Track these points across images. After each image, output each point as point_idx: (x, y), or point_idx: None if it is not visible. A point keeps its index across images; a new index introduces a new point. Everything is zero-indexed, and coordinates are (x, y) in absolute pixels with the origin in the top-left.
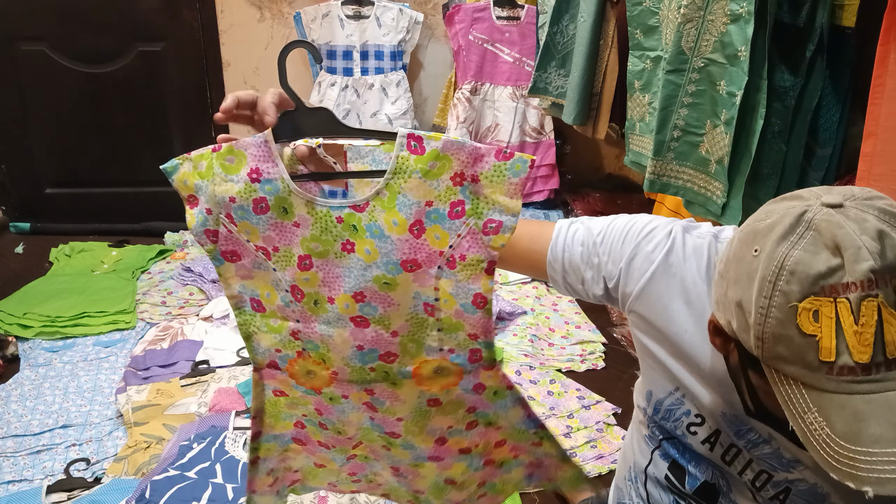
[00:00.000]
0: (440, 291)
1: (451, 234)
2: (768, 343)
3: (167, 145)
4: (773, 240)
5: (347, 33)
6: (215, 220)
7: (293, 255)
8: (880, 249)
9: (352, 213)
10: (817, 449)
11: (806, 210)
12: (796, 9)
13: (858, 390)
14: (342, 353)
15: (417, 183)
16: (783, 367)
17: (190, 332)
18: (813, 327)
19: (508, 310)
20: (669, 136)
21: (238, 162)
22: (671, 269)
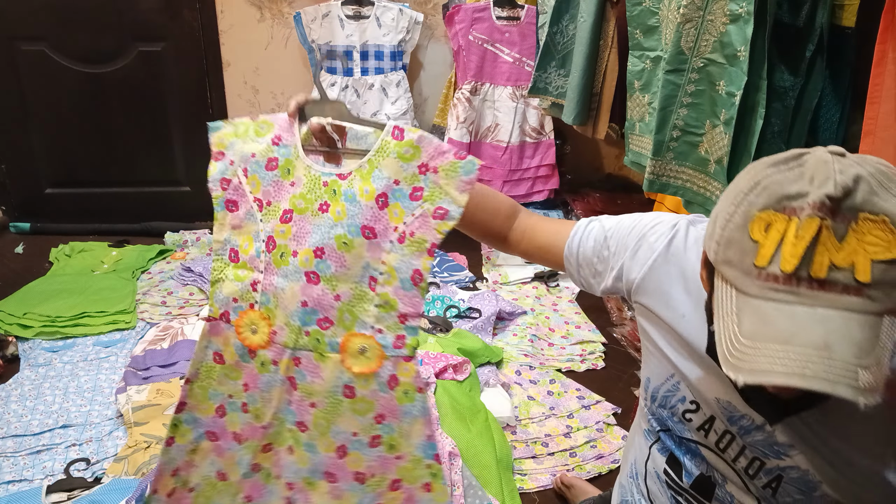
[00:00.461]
0: (386, 266)
1: (407, 212)
2: (723, 245)
3: (167, 145)
4: (766, 164)
5: (347, 33)
6: (233, 171)
7: (280, 209)
8: (849, 188)
9: (336, 179)
10: (722, 346)
11: (808, 152)
12: (796, 9)
13: (774, 297)
14: (288, 308)
15: (392, 162)
16: (726, 271)
17: (190, 332)
18: (761, 235)
19: (508, 310)
20: (669, 136)
21: (267, 129)
22: (672, 258)
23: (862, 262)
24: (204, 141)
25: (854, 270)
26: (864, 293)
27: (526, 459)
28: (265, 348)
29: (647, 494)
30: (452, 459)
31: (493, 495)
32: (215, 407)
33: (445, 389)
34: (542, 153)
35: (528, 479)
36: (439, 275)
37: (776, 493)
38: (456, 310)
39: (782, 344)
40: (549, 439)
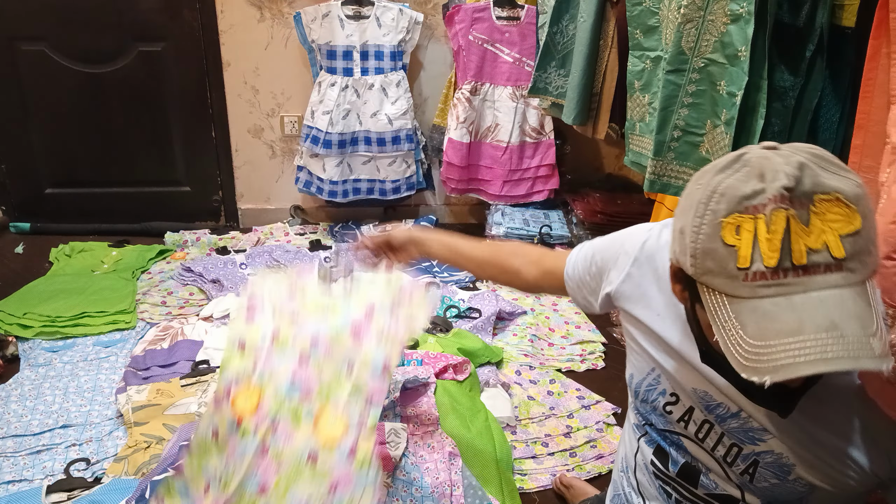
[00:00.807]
0: (363, 357)
1: (385, 321)
2: (699, 258)
3: (167, 145)
4: (712, 173)
5: (347, 33)
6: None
7: (287, 311)
8: (798, 176)
9: (340, 297)
10: (732, 352)
11: (746, 152)
12: (796, 9)
13: (767, 294)
14: (278, 383)
15: (379, 289)
16: (710, 281)
17: (190, 332)
18: (734, 239)
19: (508, 310)
20: (669, 136)
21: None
22: (646, 260)
23: (833, 240)
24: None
25: (829, 249)
26: (844, 267)
27: (526, 459)
28: (251, 415)
29: (636, 487)
30: (452, 459)
31: (493, 495)
32: (203, 486)
33: (445, 389)
34: (542, 153)
35: (528, 479)
36: (439, 275)
37: (753, 479)
38: (456, 310)
39: (794, 336)
40: (549, 439)
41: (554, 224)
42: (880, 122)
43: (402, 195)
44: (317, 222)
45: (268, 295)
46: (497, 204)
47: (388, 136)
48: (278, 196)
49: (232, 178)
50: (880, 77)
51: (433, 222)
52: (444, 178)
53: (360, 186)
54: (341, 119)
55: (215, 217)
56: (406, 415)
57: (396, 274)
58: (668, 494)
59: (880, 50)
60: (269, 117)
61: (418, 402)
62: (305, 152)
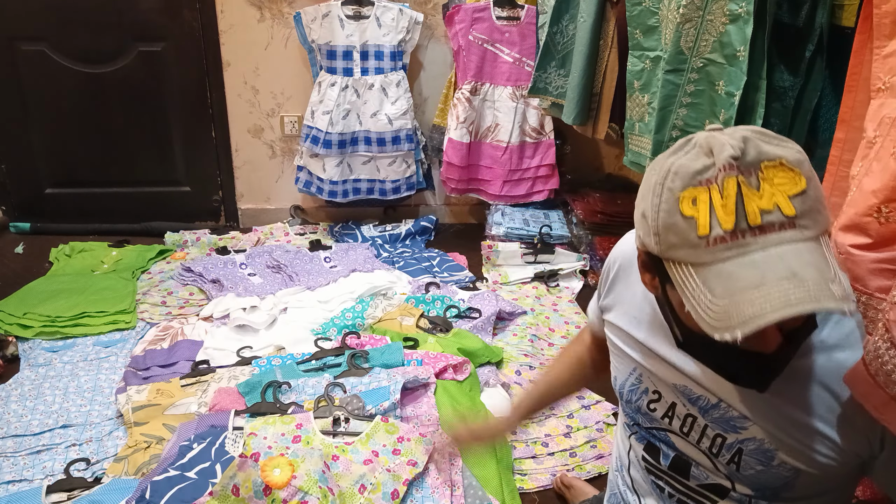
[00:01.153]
0: (376, 482)
1: (390, 461)
2: (662, 235)
3: (167, 145)
4: (665, 156)
5: (347, 33)
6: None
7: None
8: (743, 147)
9: (343, 445)
10: (702, 317)
11: (693, 136)
12: (796, 9)
13: (729, 255)
14: (312, 466)
15: (381, 435)
16: (675, 254)
17: (190, 332)
18: (692, 210)
19: (508, 310)
20: (668, 135)
21: (290, 420)
22: (628, 265)
23: (782, 201)
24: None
25: (780, 209)
26: (797, 224)
27: (526, 459)
28: (282, 488)
29: (631, 485)
30: (452, 459)
31: (493, 495)
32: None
33: (445, 389)
34: (542, 153)
35: (528, 479)
36: (439, 275)
37: (739, 468)
38: (456, 310)
39: (757, 288)
40: (549, 439)
41: (554, 224)
42: (863, 117)
43: (402, 195)
44: (317, 222)
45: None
46: (497, 204)
47: (388, 136)
48: (278, 196)
49: (232, 178)
50: (865, 72)
51: (433, 222)
52: (444, 178)
53: (360, 186)
54: (341, 119)
55: (215, 217)
56: (406, 415)
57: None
58: (661, 489)
59: (866, 45)
60: (269, 117)
61: (418, 402)
62: (305, 152)
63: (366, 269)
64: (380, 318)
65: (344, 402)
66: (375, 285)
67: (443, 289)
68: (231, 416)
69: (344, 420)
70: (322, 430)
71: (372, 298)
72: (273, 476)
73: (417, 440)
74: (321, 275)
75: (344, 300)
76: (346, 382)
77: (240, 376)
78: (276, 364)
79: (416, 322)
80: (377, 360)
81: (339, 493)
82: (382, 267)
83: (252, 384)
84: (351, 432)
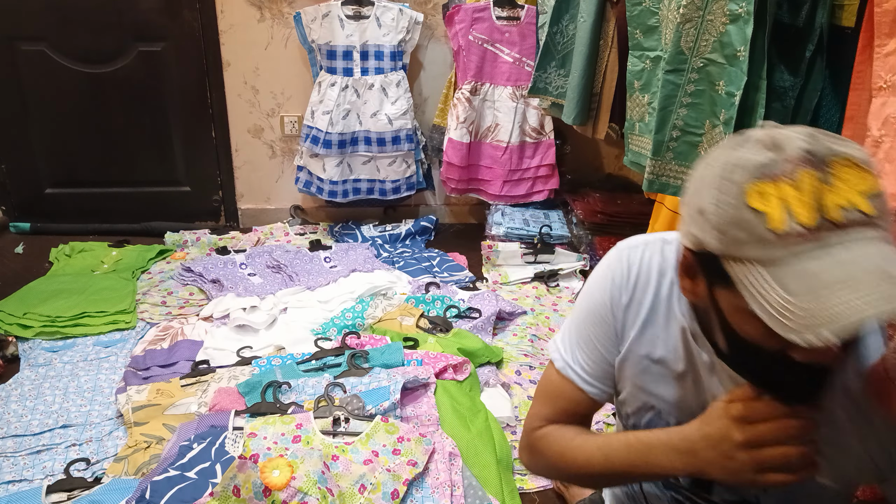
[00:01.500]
0: (376, 482)
1: (390, 461)
2: (726, 231)
3: (167, 145)
4: (723, 150)
5: (347, 33)
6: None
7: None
8: (812, 142)
9: (343, 445)
10: (779, 319)
11: (749, 132)
12: (796, 9)
13: (807, 253)
14: (312, 466)
15: (381, 435)
16: (741, 252)
17: (190, 332)
18: (761, 204)
19: (508, 310)
20: (668, 136)
21: (290, 420)
22: (664, 300)
23: (860, 199)
24: (204, 140)
25: (859, 207)
26: (875, 224)
27: None
28: (281, 489)
29: (644, 500)
30: (452, 459)
31: (493, 495)
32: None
33: (445, 389)
34: (542, 153)
35: (528, 479)
36: (439, 275)
37: (767, 489)
38: (456, 310)
39: (848, 286)
40: None
41: (554, 224)
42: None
43: (402, 195)
44: (317, 222)
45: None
46: (497, 204)
47: (388, 136)
48: (278, 196)
49: (232, 178)
50: (870, 70)
51: (433, 222)
52: (444, 178)
53: (360, 186)
54: (341, 119)
55: (215, 217)
56: (406, 415)
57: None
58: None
59: (871, 43)
60: (269, 117)
61: (418, 402)
62: (305, 152)
63: (366, 269)
64: (380, 318)
65: (344, 402)
66: (375, 285)
67: (443, 289)
68: (231, 416)
69: (344, 420)
70: (322, 430)
71: (372, 298)
72: (272, 477)
73: (417, 440)
74: (321, 275)
75: (344, 300)
76: (346, 382)
77: (240, 376)
78: (276, 364)
79: (416, 322)
80: (377, 360)
81: (339, 494)
82: (382, 267)
83: (252, 384)
84: (351, 432)
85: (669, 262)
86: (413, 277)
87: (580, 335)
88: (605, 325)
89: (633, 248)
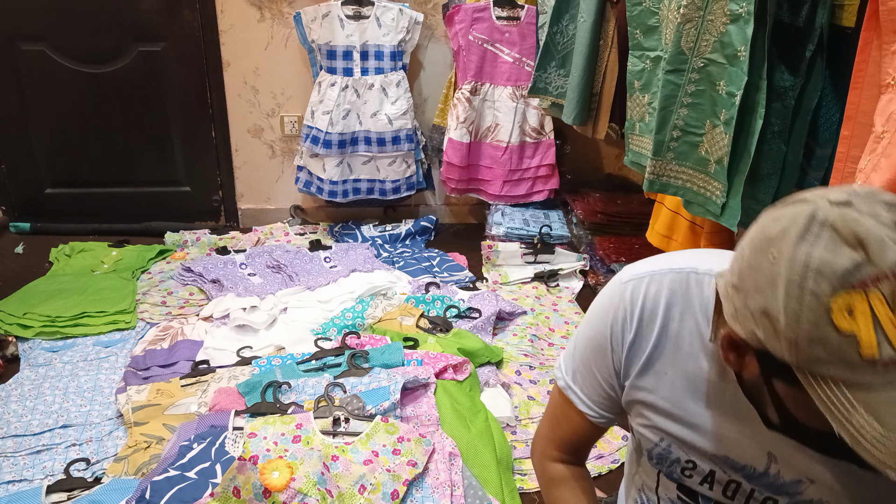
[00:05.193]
0: (376, 482)
1: (390, 461)
2: (803, 347)
3: (167, 145)
4: (789, 243)
5: (347, 33)
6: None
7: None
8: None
9: (343, 445)
10: (869, 450)
11: (816, 210)
12: (796, 9)
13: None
14: (311, 467)
15: (381, 435)
16: (821, 370)
17: (190, 332)
18: (849, 324)
19: (508, 310)
20: (669, 136)
21: (290, 420)
22: (675, 332)
23: None
24: (204, 140)
25: None
26: None
27: (526, 459)
28: (281, 491)
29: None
30: (452, 459)
31: (493, 495)
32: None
33: (445, 389)
34: (542, 153)
35: (528, 479)
36: (439, 275)
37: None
38: (456, 310)
39: None
40: None
41: (554, 224)
42: (868, 114)
43: (402, 195)
44: (317, 222)
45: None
46: (497, 204)
47: (388, 136)
48: (278, 196)
49: (232, 178)
50: (870, 69)
51: (433, 222)
52: (444, 178)
53: (360, 186)
54: (341, 119)
55: (215, 217)
56: (406, 415)
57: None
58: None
59: (871, 42)
60: (269, 117)
61: (418, 402)
62: (305, 152)
63: (366, 269)
64: (380, 318)
65: (344, 402)
66: (375, 285)
67: (443, 289)
68: (231, 417)
69: (344, 420)
70: (322, 430)
71: (372, 298)
72: (272, 479)
73: (417, 440)
74: (321, 275)
75: (344, 300)
76: (346, 382)
77: (240, 376)
78: (276, 364)
79: (416, 322)
80: (377, 360)
81: (339, 494)
82: (382, 267)
83: (252, 384)
84: (351, 432)
85: (678, 295)
86: (413, 277)
87: (582, 360)
88: (604, 357)
89: (637, 281)
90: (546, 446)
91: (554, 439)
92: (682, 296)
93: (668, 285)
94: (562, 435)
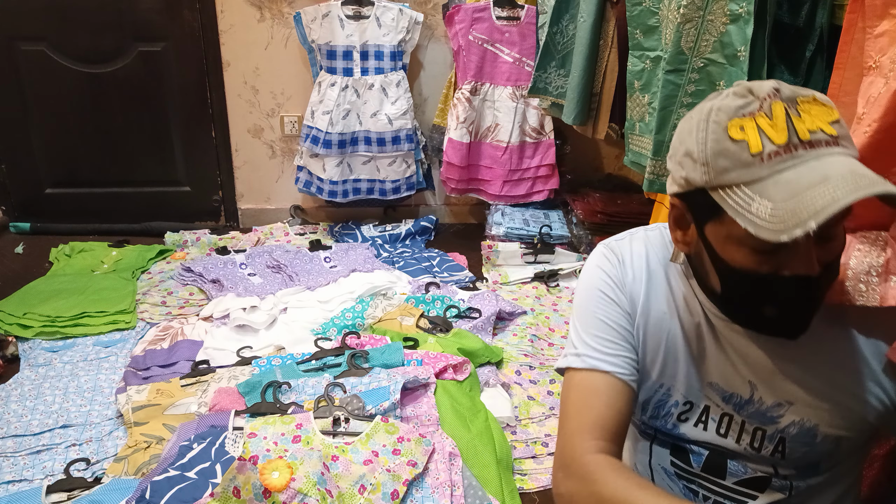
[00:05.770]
0: (376, 482)
1: (390, 461)
2: (712, 162)
3: (167, 145)
4: (701, 104)
5: (347, 33)
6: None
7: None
8: (779, 86)
9: (343, 445)
10: (763, 225)
11: (724, 90)
12: (796, 9)
13: (786, 167)
14: (311, 467)
15: (381, 435)
16: (727, 179)
17: (190, 332)
18: (740, 134)
19: (508, 310)
20: (669, 136)
21: (290, 420)
22: (655, 270)
23: (824, 125)
24: (204, 140)
25: (824, 130)
26: (840, 143)
27: (526, 459)
28: (281, 491)
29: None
30: (452, 459)
31: (493, 495)
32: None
33: (445, 389)
34: (542, 153)
35: (528, 479)
36: (439, 275)
37: (785, 456)
38: (456, 310)
39: (823, 183)
40: (549, 439)
41: (554, 224)
42: (850, 94)
43: (402, 195)
44: (317, 222)
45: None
46: (497, 204)
47: (388, 136)
48: (278, 196)
49: (232, 178)
50: (853, 51)
51: (433, 222)
52: (444, 178)
53: (360, 186)
54: (341, 119)
55: (215, 217)
56: (406, 415)
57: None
58: (694, 493)
59: (856, 24)
60: (269, 117)
61: (418, 402)
62: (305, 152)
63: (366, 269)
64: (380, 318)
65: (344, 402)
66: (375, 285)
67: (443, 289)
68: (231, 417)
69: (344, 420)
70: (322, 430)
71: (372, 298)
72: (271, 479)
73: (417, 440)
74: (321, 275)
75: (344, 300)
76: (346, 382)
77: (240, 376)
78: (276, 364)
79: (416, 322)
80: (377, 360)
81: (339, 494)
82: (382, 267)
83: (252, 384)
84: (351, 432)
85: (656, 245)
86: (413, 277)
87: (591, 321)
88: (610, 302)
89: (616, 241)
90: (580, 441)
91: (585, 427)
92: (659, 245)
93: (641, 239)
94: (594, 417)
